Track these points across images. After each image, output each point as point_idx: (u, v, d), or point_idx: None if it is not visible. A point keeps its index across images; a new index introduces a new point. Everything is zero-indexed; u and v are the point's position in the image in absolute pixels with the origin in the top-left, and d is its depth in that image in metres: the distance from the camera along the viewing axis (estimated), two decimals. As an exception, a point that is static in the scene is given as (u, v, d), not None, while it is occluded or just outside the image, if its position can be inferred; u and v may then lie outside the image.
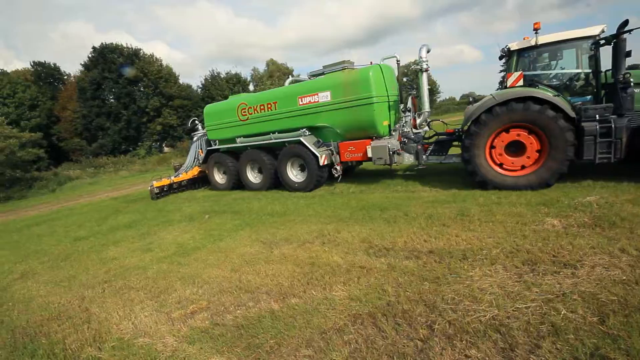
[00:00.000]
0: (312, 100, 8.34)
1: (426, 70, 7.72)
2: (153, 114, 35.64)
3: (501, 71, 7.66)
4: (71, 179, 22.43)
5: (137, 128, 36.12)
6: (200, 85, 41.10)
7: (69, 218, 10.34)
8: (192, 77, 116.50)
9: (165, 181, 11.01)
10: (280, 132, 9.06)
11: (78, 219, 9.92)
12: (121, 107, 34.87)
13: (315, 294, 3.47)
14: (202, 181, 11.94)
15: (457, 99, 63.59)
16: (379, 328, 2.81)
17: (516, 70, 6.30)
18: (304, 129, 8.57)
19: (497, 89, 7.67)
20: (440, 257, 3.84)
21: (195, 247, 5.49)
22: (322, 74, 8.59)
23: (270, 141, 9.18)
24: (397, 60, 8.25)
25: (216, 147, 10.67)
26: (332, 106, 8.07)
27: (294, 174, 8.96)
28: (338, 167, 8.39)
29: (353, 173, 10.34)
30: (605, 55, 5.66)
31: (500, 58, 7.11)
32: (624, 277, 2.94)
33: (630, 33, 5.25)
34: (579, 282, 2.97)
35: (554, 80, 6.33)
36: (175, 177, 11.38)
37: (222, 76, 41.34)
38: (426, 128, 8.29)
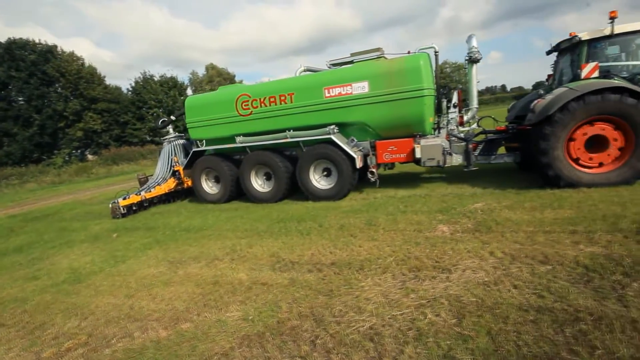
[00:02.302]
0: (343, 92, 7.07)
1: (477, 61, 7.14)
2: (73, 118, 32.07)
3: (552, 65, 7.33)
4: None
5: (54, 134, 32.19)
6: (130, 88, 38.04)
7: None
8: (122, 78, 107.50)
9: (134, 198, 8.80)
10: (297, 129, 7.54)
11: (-42, 243, 8.44)
12: (33, 110, 30.79)
13: (208, 317, 3.35)
14: (177, 194, 9.82)
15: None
16: (264, 348, 2.79)
17: (586, 61, 5.92)
18: (333, 126, 7.28)
19: (547, 83, 7.41)
20: (340, 269, 3.97)
21: (90, 272, 4.98)
22: (350, 62, 7.44)
23: (286, 140, 7.59)
24: (436, 52, 7.25)
25: (203, 148, 8.68)
26: (371, 99, 6.90)
27: (317, 180, 7.53)
28: (374, 171, 7.26)
29: None
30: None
31: (548, 53, 6.98)
32: (487, 279, 3.31)
33: None
34: (450, 286, 3.27)
35: (624, 72, 5.96)
36: (146, 192, 9.11)
37: (155, 79, 38.78)
38: (474, 125, 7.57)
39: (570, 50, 6.43)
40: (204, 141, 8.66)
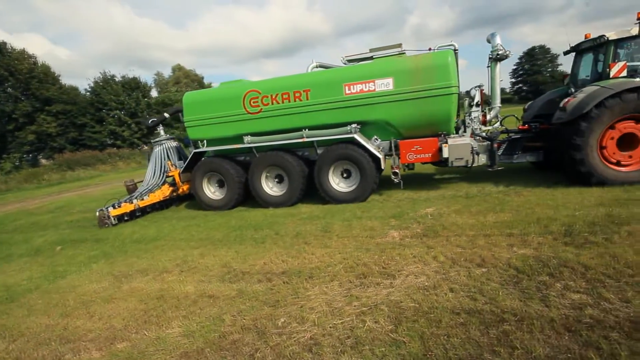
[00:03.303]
0: (365, 89, 6.70)
1: (502, 59, 7.02)
2: (23, 120, 29.84)
3: (574, 65, 7.23)
4: None
5: (2, 137, 29.77)
6: (89, 89, 36.02)
7: None
8: (81, 77, 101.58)
9: (126, 207, 7.95)
10: (312, 128, 7.08)
11: None
12: (-24, 111, 28.34)
13: (147, 335, 3.21)
14: (169, 201, 8.94)
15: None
16: (202, 365, 2.72)
17: (613, 61, 5.98)
18: (354, 125, 6.89)
19: (566, 83, 7.46)
20: (289, 278, 3.96)
21: (26, 290, 4.63)
22: (369, 58, 7.13)
23: (302, 140, 7.10)
24: (455, 50, 6.96)
25: (205, 149, 7.92)
26: (395, 96, 6.59)
27: (336, 182, 7.16)
28: (398, 171, 6.97)
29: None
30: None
31: (566, 53, 7.06)
32: (427, 284, 3.43)
33: None
34: (392, 292, 3.36)
35: None
36: (140, 200, 8.24)
37: (117, 79, 37.00)
38: (497, 124, 7.41)
39: (594, 50, 6.50)
40: (205, 141, 7.89)
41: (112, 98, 34.61)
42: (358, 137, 6.75)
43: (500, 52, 6.91)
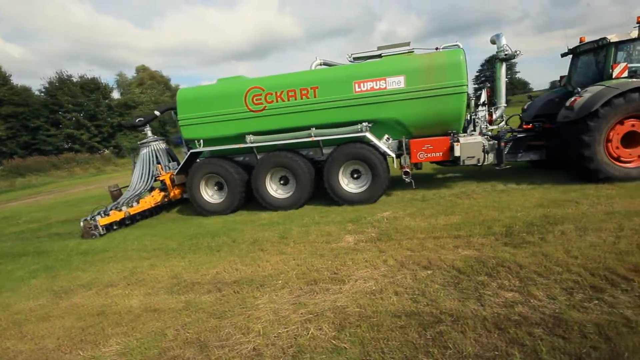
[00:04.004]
0: (376, 87, 6.58)
1: (508, 59, 7.10)
2: (-34, 123, 27.49)
3: (571, 66, 7.55)
4: None
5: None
6: (43, 90, 33.80)
7: None
8: (36, 77, 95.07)
9: (115, 215, 7.29)
10: (319, 126, 6.86)
11: None
12: None
13: (82, 354, 3.03)
14: (160, 207, 8.35)
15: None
16: (137, 384, 2.60)
17: (614, 62, 6.25)
18: (365, 123, 6.72)
19: (558, 85, 7.74)
20: (240, 287, 3.88)
21: (-50, 311, 4.22)
22: (377, 56, 7.04)
23: (310, 139, 6.86)
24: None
25: (201, 149, 7.45)
26: (407, 94, 6.51)
27: (346, 183, 6.98)
28: (409, 171, 6.83)
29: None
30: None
31: (563, 55, 7.25)
32: (374, 288, 3.49)
33: None
34: (339, 298, 3.38)
35: None
36: (128, 206, 7.60)
37: (74, 80, 35.01)
38: (502, 124, 7.54)
39: (594, 52, 6.80)
40: (201, 141, 7.43)
41: (69, 99, 32.71)
42: (370, 136, 6.66)
43: (507, 53, 6.98)
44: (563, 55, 7.46)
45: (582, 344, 2.37)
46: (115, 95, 40.12)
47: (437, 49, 6.88)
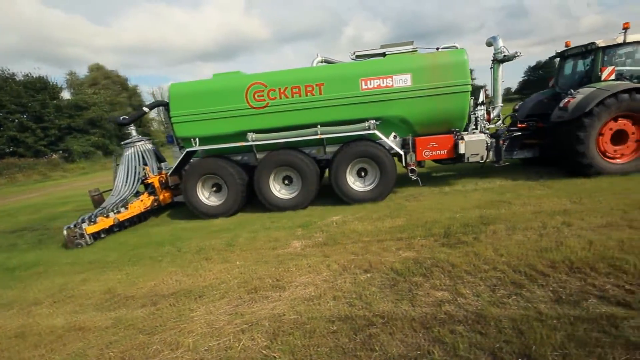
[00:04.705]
0: (383, 85, 6.59)
1: (505, 61, 7.29)
2: None
3: (558, 69, 7.93)
4: None
5: None
6: (-20, 90, 30.69)
7: None
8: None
9: (104, 222, 6.60)
10: (324, 124, 6.73)
11: None
12: None
13: (-14, 384, 2.74)
14: (149, 212, 7.71)
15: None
16: (46, 413, 2.39)
17: (602, 66, 6.66)
18: (372, 121, 6.66)
19: (551, 85, 8.10)
20: (177, 300, 3.72)
21: None
22: (381, 55, 7.07)
23: (316, 137, 6.68)
24: None
25: (197, 148, 7.04)
26: (413, 92, 6.57)
27: (352, 182, 6.87)
28: (415, 169, 6.84)
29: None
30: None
31: (551, 59, 7.47)
32: (313, 294, 3.49)
33: None
34: (277, 305, 3.34)
35: (631, 75, 6.78)
36: (116, 212, 6.94)
37: (18, 79, 32.17)
38: (499, 123, 7.83)
39: (582, 56, 7.29)
40: (197, 139, 7.02)
41: (12, 100, 29.98)
42: (379, 134, 6.68)
43: (506, 54, 7.24)
44: (552, 58, 7.93)
45: (496, 339, 2.51)
46: (66, 95, 37.36)
47: (437, 49, 7.10)
